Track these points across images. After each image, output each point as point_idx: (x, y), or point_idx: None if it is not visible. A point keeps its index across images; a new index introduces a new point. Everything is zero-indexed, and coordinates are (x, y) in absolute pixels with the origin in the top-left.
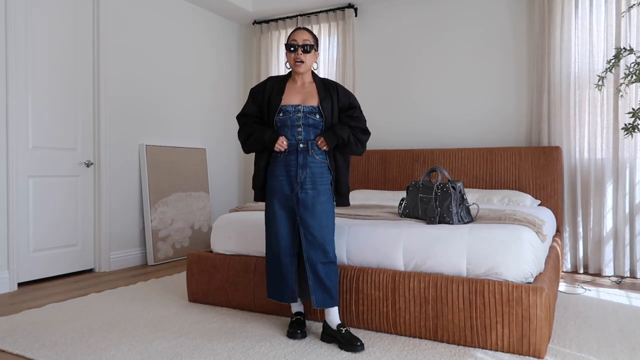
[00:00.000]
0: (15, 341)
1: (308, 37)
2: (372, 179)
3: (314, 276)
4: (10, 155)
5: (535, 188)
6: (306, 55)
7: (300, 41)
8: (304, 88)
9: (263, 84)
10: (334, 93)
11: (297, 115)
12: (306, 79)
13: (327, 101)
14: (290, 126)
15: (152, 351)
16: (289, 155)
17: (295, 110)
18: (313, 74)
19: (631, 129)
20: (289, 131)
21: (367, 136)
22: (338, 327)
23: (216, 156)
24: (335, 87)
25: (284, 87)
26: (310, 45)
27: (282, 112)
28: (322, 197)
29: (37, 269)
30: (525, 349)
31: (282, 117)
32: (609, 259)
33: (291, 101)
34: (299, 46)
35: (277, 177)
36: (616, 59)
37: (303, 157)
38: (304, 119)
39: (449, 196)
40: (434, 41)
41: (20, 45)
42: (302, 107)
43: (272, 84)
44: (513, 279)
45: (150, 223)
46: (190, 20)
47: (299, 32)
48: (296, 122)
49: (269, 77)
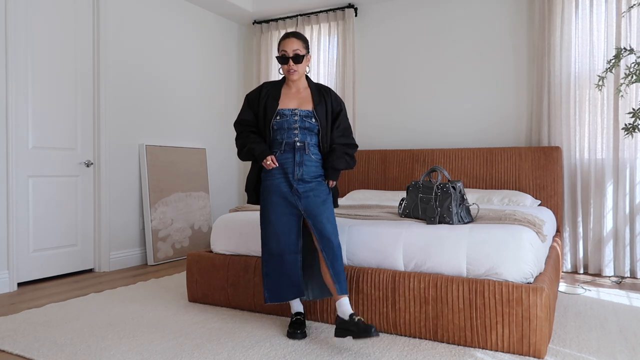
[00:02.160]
0: (15, 341)
1: (298, 46)
2: (372, 179)
3: (332, 265)
4: (10, 155)
5: (535, 188)
6: (298, 65)
7: (290, 52)
8: (299, 93)
9: (258, 90)
10: (328, 98)
11: (294, 119)
12: (301, 84)
13: (321, 106)
14: (287, 129)
15: (152, 351)
16: (285, 153)
17: (292, 113)
18: (307, 79)
19: (631, 129)
20: (286, 133)
21: (355, 149)
22: (351, 317)
23: (216, 156)
24: (329, 92)
25: (280, 92)
26: (302, 55)
27: (279, 115)
28: (321, 187)
29: (37, 269)
30: (525, 349)
31: (279, 120)
32: (609, 259)
33: (288, 105)
34: (290, 57)
35: (274, 176)
36: (616, 59)
37: (300, 155)
38: (301, 122)
39: (449, 196)
40: (434, 41)
41: (20, 45)
42: (298, 111)
43: (268, 90)
44: (513, 279)
45: (150, 223)
46: (190, 20)
47: (289, 42)
48: (293, 125)
49: (264, 83)
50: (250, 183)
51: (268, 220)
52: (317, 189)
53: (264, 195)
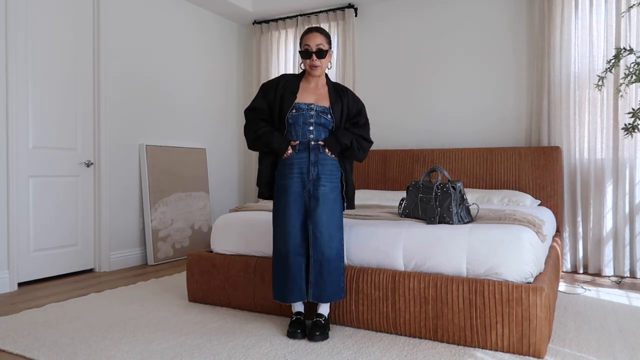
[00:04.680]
0: (15, 341)
1: (321, 41)
2: (372, 179)
3: (317, 271)
4: (10, 155)
5: (535, 188)
6: (321, 60)
7: (314, 46)
8: (317, 90)
9: (276, 81)
10: (345, 97)
11: (310, 113)
12: (320, 81)
13: (337, 104)
14: (302, 124)
15: (152, 351)
16: (300, 152)
17: (309, 108)
18: (326, 77)
19: (631, 129)
20: (300, 129)
21: (370, 144)
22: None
23: (216, 156)
24: (346, 92)
25: (298, 85)
26: (325, 50)
27: (296, 109)
28: (332, 194)
29: (37, 269)
30: (525, 349)
31: (295, 114)
32: (609, 259)
33: (305, 100)
34: (313, 52)
35: (288, 176)
36: (616, 59)
37: (315, 155)
38: (317, 117)
39: (449, 196)
40: (434, 41)
41: (20, 45)
42: (315, 106)
43: (286, 82)
44: (513, 279)
45: (150, 223)
46: (190, 20)
47: (312, 36)
48: (309, 120)
49: (282, 75)
50: (263, 177)
51: (279, 220)
52: (328, 196)
53: (278, 195)
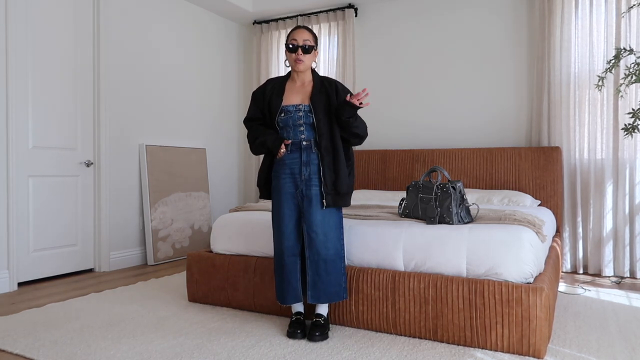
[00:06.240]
0: (15, 341)
1: (308, 37)
2: (372, 179)
3: (314, 272)
4: (10, 155)
5: (535, 188)
6: (306, 56)
7: (301, 41)
8: (304, 87)
9: (263, 87)
10: (332, 90)
11: (298, 115)
12: (306, 78)
13: (319, 96)
14: (292, 126)
15: (152, 351)
16: (292, 153)
17: (297, 109)
18: (313, 72)
19: (631, 129)
20: (292, 131)
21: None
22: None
23: (216, 156)
24: (335, 84)
25: (284, 87)
26: (311, 45)
27: (284, 112)
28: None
29: (37, 268)
30: (525, 349)
31: (284, 117)
32: (609, 259)
33: (292, 101)
34: (299, 46)
35: (281, 177)
36: (616, 59)
37: (306, 155)
38: (305, 118)
39: (449, 196)
40: (434, 41)
41: (20, 45)
42: (302, 106)
43: (272, 86)
44: (513, 279)
45: (150, 223)
46: (190, 20)
47: (299, 32)
48: (298, 122)
49: (269, 80)
50: (260, 179)
51: (275, 221)
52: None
53: (273, 195)
